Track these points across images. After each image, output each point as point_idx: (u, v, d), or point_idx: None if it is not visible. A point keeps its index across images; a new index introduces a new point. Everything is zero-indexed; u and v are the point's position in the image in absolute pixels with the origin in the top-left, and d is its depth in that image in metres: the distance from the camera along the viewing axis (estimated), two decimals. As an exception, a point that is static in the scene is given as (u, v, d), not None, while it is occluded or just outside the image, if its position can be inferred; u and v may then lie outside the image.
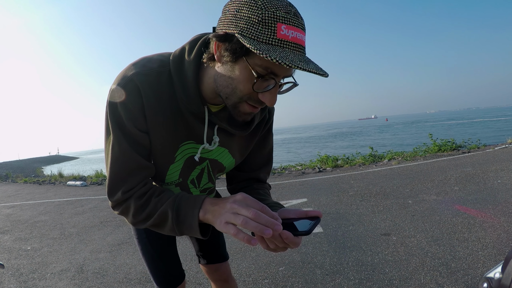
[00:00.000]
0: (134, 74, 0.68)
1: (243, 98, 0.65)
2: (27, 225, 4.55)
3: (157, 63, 0.70)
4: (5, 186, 9.85)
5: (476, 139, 8.29)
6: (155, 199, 0.71)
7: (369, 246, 2.69)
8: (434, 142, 7.93)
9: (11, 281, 2.68)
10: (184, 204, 0.68)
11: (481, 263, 2.20)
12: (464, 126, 36.74)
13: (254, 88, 0.62)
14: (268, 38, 0.56)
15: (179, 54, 0.71)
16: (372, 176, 5.71)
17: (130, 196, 0.72)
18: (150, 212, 0.70)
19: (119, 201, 0.73)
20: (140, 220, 0.72)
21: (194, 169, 0.84)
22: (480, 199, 3.61)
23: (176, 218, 0.68)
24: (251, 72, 0.61)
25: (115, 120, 0.69)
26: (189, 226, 0.67)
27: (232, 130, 0.78)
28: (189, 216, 0.67)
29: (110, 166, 0.71)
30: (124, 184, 0.71)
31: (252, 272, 2.43)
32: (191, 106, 0.70)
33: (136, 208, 0.71)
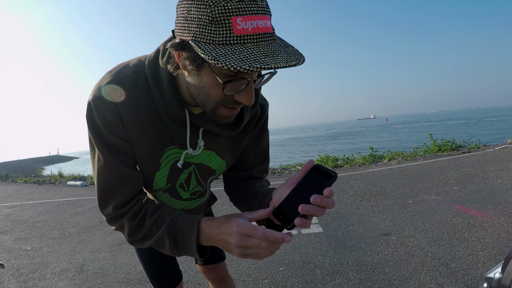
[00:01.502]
0: (108, 82, 0.66)
1: (219, 103, 0.61)
2: (27, 225, 4.55)
3: (133, 69, 0.68)
4: (5, 186, 9.85)
5: (476, 139, 8.29)
6: (149, 220, 0.69)
7: (369, 246, 2.69)
8: (434, 142, 7.93)
9: (11, 281, 2.68)
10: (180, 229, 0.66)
11: (481, 263, 2.20)
12: (464, 126, 36.74)
13: (225, 92, 0.58)
14: (224, 38, 0.50)
15: (154, 57, 0.68)
16: (372, 176, 5.71)
17: (123, 214, 0.69)
18: (146, 234, 0.69)
19: (111, 216, 0.71)
20: (136, 240, 0.70)
21: (181, 173, 0.81)
22: (480, 199, 3.61)
23: (174, 245, 0.66)
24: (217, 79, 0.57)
25: (95, 132, 0.67)
26: (188, 252, 0.66)
27: (220, 131, 0.73)
28: (187, 242, 0.65)
29: (97, 179, 0.70)
30: (115, 197, 0.69)
31: (252, 272, 2.43)
32: (170, 110, 0.67)
33: (131, 229, 0.69)
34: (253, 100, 0.60)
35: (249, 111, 0.76)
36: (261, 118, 0.84)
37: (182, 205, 0.92)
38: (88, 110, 0.67)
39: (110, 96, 0.65)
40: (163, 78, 0.65)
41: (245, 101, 0.59)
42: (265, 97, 0.84)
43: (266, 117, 0.87)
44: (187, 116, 0.69)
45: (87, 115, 0.67)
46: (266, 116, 0.86)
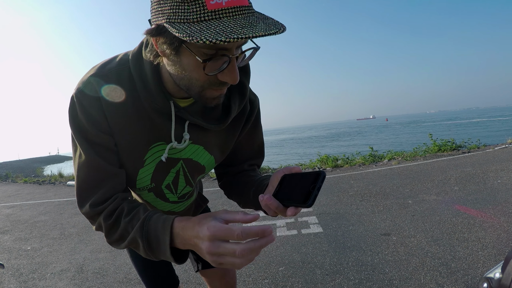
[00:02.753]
0: (91, 76, 0.65)
1: (204, 86, 0.59)
2: (27, 225, 4.55)
3: (117, 63, 0.67)
4: (5, 186, 9.85)
5: (476, 139, 8.29)
6: (124, 220, 0.65)
7: (369, 246, 2.69)
8: (434, 142, 7.93)
9: (11, 281, 2.68)
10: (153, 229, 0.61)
11: (481, 263, 2.20)
12: (464, 126, 36.75)
13: (207, 72, 0.56)
14: (198, 15, 0.48)
15: (138, 50, 0.67)
16: (372, 176, 5.71)
17: (99, 213, 0.66)
18: (122, 235, 0.65)
19: (89, 215, 0.68)
20: (113, 241, 0.67)
21: (168, 173, 0.78)
22: (480, 199, 3.61)
23: (148, 247, 0.62)
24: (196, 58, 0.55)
25: (77, 127, 0.65)
26: (163, 255, 0.61)
27: (206, 125, 0.71)
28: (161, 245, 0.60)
29: (77, 175, 0.68)
30: (92, 194, 0.67)
31: (252, 272, 2.43)
32: (155, 102, 0.65)
33: (107, 229, 0.66)
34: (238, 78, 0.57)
35: (236, 105, 0.74)
36: (251, 113, 0.82)
37: (169, 207, 0.90)
38: (70, 104, 0.65)
39: (92, 90, 0.64)
40: (146, 69, 0.64)
41: (229, 79, 0.57)
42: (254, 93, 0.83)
43: (258, 113, 0.85)
44: (172, 108, 0.67)
45: (69, 109, 0.66)
46: (256, 111, 0.84)
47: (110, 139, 0.67)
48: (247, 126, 0.83)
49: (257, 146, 0.90)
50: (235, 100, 0.74)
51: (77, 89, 0.65)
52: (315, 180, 0.56)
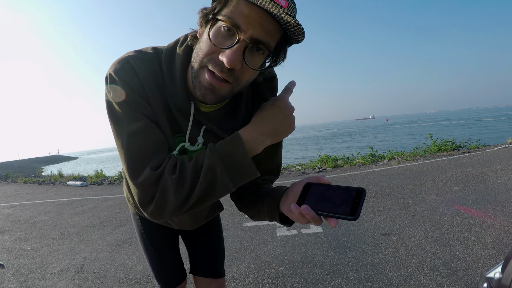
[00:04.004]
0: (129, 56, 0.67)
1: (203, 62, 0.60)
2: (27, 225, 4.55)
3: (151, 53, 0.70)
4: (5, 186, 9.85)
5: (476, 139, 8.29)
6: (190, 163, 0.62)
7: (369, 246, 2.69)
8: (434, 142, 7.93)
9: (11, 281, 2.67)
10: (225, 149, 0.62)
11: (481, 263, 2.20)
12: (464, 126, 36.75)
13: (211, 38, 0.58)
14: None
15: (172, 46, 0.69)
16: (372, 176, 5.71)
17: (161, 174, 0.61)
18: (193, 179, 0.61)
19: (150, 180, 0.60)
20: (184, 197, 0.61)
21: None
22: (480, 199, 3.61)
23: (225, 168, 0.61)
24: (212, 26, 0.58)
25: (121, 99, 0.64)
26: (243, 167, 0.62)
27: (221, 133, 0.72)
28: (237, 157, 0.62)
29: (128, 147, 0.63)
30: (152, 159, 0.62)
31: (252, 272, 2.43)
32: (178, 100, 0.67)
33: (175, 184, 0.60)
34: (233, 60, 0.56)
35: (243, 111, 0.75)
36: None
37: None
38: (110, 81, 0.65)
39: (131, 67, 0.66)
40: (177, 66, 0.66)
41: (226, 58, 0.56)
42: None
43: None
44: (191, 110, 0.68)
45: (109, 87, 0.65)
46: None
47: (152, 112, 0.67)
48: None
49: (274, 166, 0.89)
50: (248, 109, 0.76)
51: (116, 67, 0.65)
52: (357, 196, 0.58)
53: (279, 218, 0.73)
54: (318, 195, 0.63)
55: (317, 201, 0.62)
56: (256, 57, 0.60)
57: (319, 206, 0.61)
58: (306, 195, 0.64)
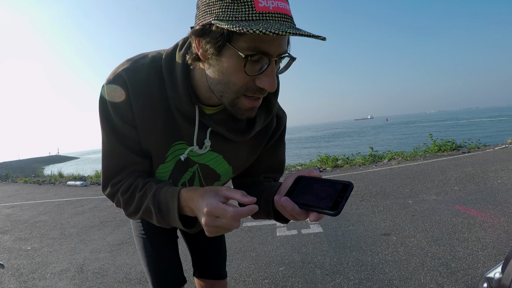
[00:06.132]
0: (123, 70, 0.67)
1: (240, 92, 0.60)
2: (27, 225, 4.55)
3: (150, 59, 0.69)
4: (5, 186, 9.85)
5: (476, 139, 8.29)
6: (139, 193, 0.70)
7: (369, 246, 2.69)
8: (434, 142, 7.93)
9: (11, 281, 2.67)
10: (163, 198, 0.67)
11: (481, 263, 2.20)
12: (464, 126, 36.76)
13: (247, 71, 0.56)
14: (247, 14, 0.51)
15: (172, 51, 0.69)
16: (372, 176, 5.71)
17: (118, 189, 0.72)
18: (137, 206, 0.70)
19: (110, 194, 0.74)
20: (130, 214, 0.73)
21: (185, 172, 0.80)
22: (480, 199, 3.61)
23: (159, 213, 0.67)
24: (239, 56, 0.55)
25: (104, 116, 0.69)
26: (173, 221, 0.66)
27: (228, 135, 0.72)
28: (170, 211, 0.65)
29: (102, 161, 0.74)
30: (114, 177, 0.73)
31: (252, 272, 2.43)
32: (181, 104, 0.67)
33: (124, 203, 0.72)
34: (275, 84, 0.58)
35: (262, 120, 0.75)
36: (277, 130, 0.82)
37: None
38: (100, 94, 0.69)
39: (122, 82, 0.67)
40: (177, 71, 0.66)
41: (267, 85, 0.58)
42: (283, 109, 0.83)
43: (283, 130, 0.84)
44: (196, 113, 0.69)
45: (99, 100, 0.69)
46: (283, 128, 0.84)
47: (134, 132, 0.71)
48: (271, 142, 0.83)
49: (278, 163, 0.89)
50: (261, 115, 0.74)
51: (108, 81, 0.68)
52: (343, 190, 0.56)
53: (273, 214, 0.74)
54: (306, 188, 0.61)
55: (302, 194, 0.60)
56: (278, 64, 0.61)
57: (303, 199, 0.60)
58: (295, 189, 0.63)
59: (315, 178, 0.62)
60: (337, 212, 0.53)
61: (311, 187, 0.61)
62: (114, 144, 0.71)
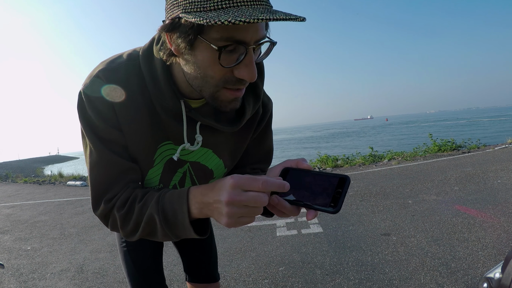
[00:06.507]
0: (100, 71, 0.63)
1: (219, 85, 0.56)
2: (27, 225, 4.55)
3: (126, 58, 0.65)
4: (5, 186, 9.84)
5: (476, 139, 8.29)
6: (138, 204, 0.62)
7: (369, 246, 2.69)
8: (434, 142, 7.93)
9: (11, 281, 2.68)
10: (168, 202, 0.59)
11: (481, 263, 2.20)
12: (464, 126, 36.75)
13: (222, 64, 0.52)
14: (216, 3, 0.48)
15: (148, 47, 0.64)
16: (372, 176, 5.71)
17: (113, 205, 0.63)
18: (137, 220, 0.61)
19: (104, 212, 0.64)
20: (129, 232, 0.63)
21: (175, 173, 0.75)
22: (480, 199, 3.61)
23: (164, 221, 0.58)
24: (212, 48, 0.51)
25: (86, 122, 0.63)
26: (182, 228, 0.58)
27: (219, 126, 0.68)
28: (178, 215, 0.57)
29: (90, 175, 0.65)
30: (107, 192, 0.64)
31: (252, 272, 2.43)
32: (165, 101, 0.63)
33: (122, 219, 0.63)
34: (255, 74, 0.54)
35: (251, 106, 0.71)
36: (264, 117, 0.79)
37: None
38: (79, 100, 0.63)
39: (100, 84, 0.62)
40: (157, 66, 0.62)
41: (246, 75, 0.54)
42: (268, 95, 0.80)
43: (270, 116, 0.81)
44: (183, 108, 0.64)
45: (78, 105, 0.64)
46: (269, 115, 0.80)
47: (120, 135, 0.65)
48: (258, 130, 0.79)
49: (265, 152, 0.85)
50: (249, 102, 0.71)
51: (85, 85, 0.63)
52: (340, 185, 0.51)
53: None
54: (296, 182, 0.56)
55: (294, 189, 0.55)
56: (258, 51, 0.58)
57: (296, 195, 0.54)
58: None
59: (305, 170, 0.57)
60: (338, 209, 0.49)
61: (303, 180, 0.55)
62: (102, 152, 0.63)
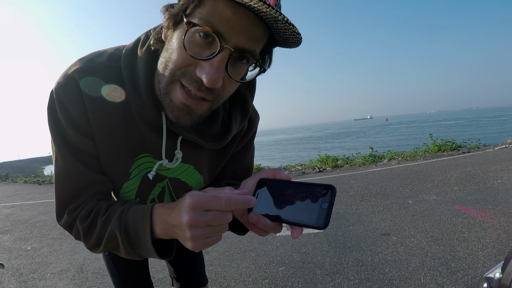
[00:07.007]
0: (75, 70, 0.56)
1: (176, 74, 0.50)
2: (27, 225, 4.55)
3: (107, 57, 0.59)
4: (5, 186, 9.84)
5: (476, 139, 8.29)
6: (101, 218, 0.57)
7: (369, 246, 2.69)
8: (434, 142, 7.93)
9: (11, 281, 2.68)
10: (131, 220, 0.53)
11: (481, 263, 2.20)
12: (464, 126, 36.76)
13: (186, 46, 0.46)
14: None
15: (132, 47, 0.58)
16: (372, 176, 5.71)
17: (76, 216, 0.59)
18: (99, 235, 0.57)
19: (67, 223, 0.60)
20: (92, 245, 0.59)
21: (154, 187, 0.69)
22: (480, 199, 3.61)
23: (127, 240, 0.53)
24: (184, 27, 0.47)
25: (55, 127, 0.57)
26: (144, 249, 0.53)
27: (202, 142, 0.62)
28: (141, 235, 0.52)
29: (55, 184, 0.60)
30: (72, 202, 0.59)
31: (252, 272, 2.43)
32: (145, 111, 0.57)
33: (84, 232, 0.58)
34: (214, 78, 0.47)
35: (238, 122, 0.66)
36: (248, 132, 0.73)
37: None
38: (49, 101, 0.57)
39: (75, 86, 0.56)
40: (139, 71, 0.56)
41: (205, 75, 0.47)
42: (256, 111, 0.75)
43: (254, 133, 0.75)
44: (163, 121, 0.58)
45: (48, 107, 0.58)
46: (254, 131, 0.74)
47: (92, 144, 0.59)
48: (240, 145, 0.74)
49: (244, 168, 0.78)
50: (236, 116, 0.66)
51: (58, 84, 0.57)
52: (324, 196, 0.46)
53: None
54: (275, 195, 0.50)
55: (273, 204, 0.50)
56: (240, 67, 0.51)
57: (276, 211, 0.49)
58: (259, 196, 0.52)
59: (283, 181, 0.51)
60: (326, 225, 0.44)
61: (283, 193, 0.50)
62: (69, 161, 0.58)
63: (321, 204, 0.46)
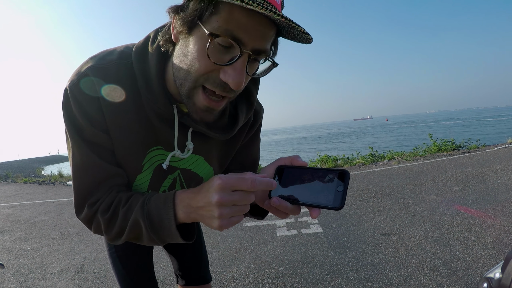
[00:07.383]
0: (88, 68, 0.59)
1: (199, 80, 0.53)
2: (27, 225, 4.55)
3: (118, 55, 0.61)
4: (5, 186, 9.84)
5: (476, 139, 8.29)
6: (123, 209, 0.59)
7: (369, 246, 2.69)
8: (434, 142, 7.93)
9: (11, 281, 2.67)
10: (154, 207, 0.57)
11: (481, 263, 2.20)
12: (464, 126, 36.77)
13: (209, 55, 0.49)
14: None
15: (143, 44, 0.61)
16: (372, 176, 5.71)
17: (97, 209, 0.61)
18: (122, 225, 0.59)
19: (88, 217, 0.62)
20: (114, 236, 0.61)
21: (165, 179, 0.71)
22: (480, 199, 3.61)
23: (150, 227, 0.56)
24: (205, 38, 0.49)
25: (71, 123, 0.60)
26: (168, 233, 0.56)
27: (211, 134, 0.65)
28: (165, 221, 0.55)
29: (73, 179, 0.62)
30: (91, 196, 0.61)
31: (252, 272, 2.43)
32: (157, 105, 0.59)
33: (106, 224, 0.60)
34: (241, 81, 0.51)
35: (244, 114, 0.69)
36: (254, 125, 0.76)
37: None
38: (64, 98, 0.60)
39: (89, 83, 0.58)
40: (151, 67, 0.59)
41: (231, 80, 0.51)
42: (260, 103, 0.78)
43: (260, 125, 0.79)
44: (175, 113, 0.61)
45: (63, 104, 0.60)
46: (259, 123, 0.78)
47: (107, 138, 0.61)
48: (246, 138, 0.77)
49: (250, 160, 0.82)
50: (242, 109, 0.69)
51: (72, 82, 0.59)
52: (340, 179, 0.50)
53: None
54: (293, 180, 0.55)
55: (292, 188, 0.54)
56: (254, 64, 0.55)
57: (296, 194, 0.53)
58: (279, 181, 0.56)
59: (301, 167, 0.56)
60: (342, 205, 0.49)
61: (300, 178, 0.54)
62: (87, 156, 0.60)
63: (336, 187, 0.50)
